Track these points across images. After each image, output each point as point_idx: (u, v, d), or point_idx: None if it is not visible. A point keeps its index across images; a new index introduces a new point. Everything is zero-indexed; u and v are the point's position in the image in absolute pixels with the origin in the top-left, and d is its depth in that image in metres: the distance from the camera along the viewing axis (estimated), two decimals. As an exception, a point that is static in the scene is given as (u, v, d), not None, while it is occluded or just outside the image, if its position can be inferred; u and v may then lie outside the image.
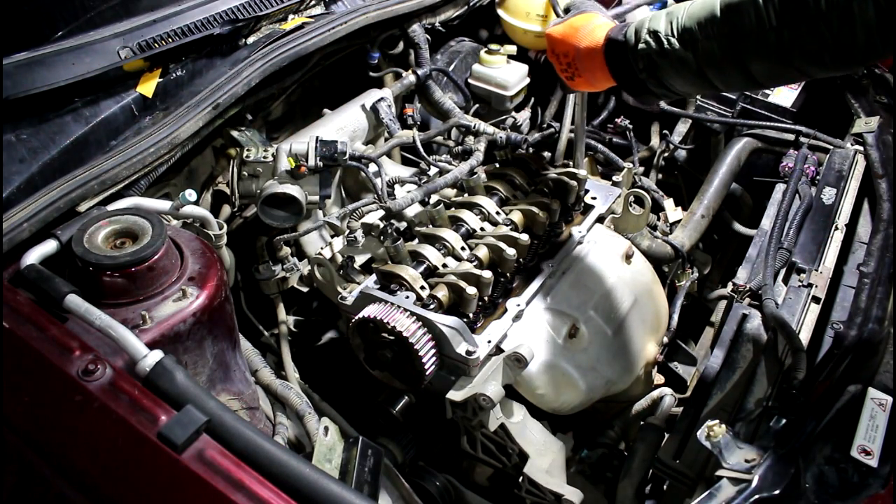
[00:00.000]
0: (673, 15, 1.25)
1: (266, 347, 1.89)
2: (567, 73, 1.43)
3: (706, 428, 1.21)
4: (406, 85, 2.21)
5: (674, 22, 1.24)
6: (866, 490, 1.11)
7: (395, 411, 1.56)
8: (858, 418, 1.20)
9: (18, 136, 1.54)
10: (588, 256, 1.68)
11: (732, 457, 1.18)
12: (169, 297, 1.29)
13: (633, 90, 1.37)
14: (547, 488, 1.44)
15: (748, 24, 1.14)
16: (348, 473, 1.22)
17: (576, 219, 1.75)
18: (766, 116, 2.18)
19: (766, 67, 1.19)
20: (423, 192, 1.76)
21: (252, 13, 1.91)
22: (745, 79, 1.23)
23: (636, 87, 1.34)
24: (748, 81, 1.24)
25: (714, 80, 1.25)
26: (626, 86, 1.37)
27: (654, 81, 1.30)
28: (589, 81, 1.42)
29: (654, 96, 1.36)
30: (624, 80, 1.35)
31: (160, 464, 0.99)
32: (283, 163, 1.72)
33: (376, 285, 1.51)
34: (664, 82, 1.29)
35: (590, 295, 1.62)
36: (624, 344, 1.64)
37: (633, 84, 1.34)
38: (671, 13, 1.25)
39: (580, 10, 1.41)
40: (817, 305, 1.62)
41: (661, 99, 1.37)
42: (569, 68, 1.42)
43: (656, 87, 1.31)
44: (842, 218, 1.82)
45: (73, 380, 1.07)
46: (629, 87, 1.36)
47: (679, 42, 1.23)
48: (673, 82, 1.29)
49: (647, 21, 1.28)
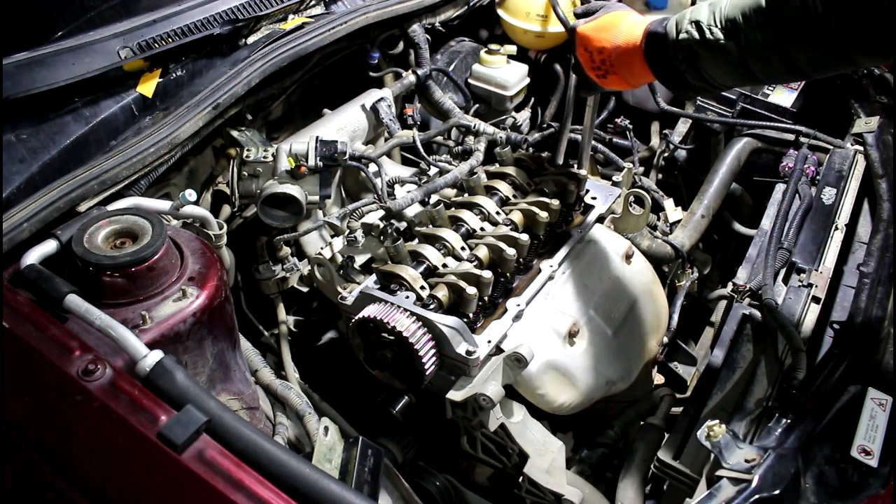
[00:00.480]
0: (716, 5, 1.24)
1: (266, 347, 1.89)
2: (600, 70, 1.43)
3: (706, 428, 1.21)
4: (406, 85, 2.21)
5: (717, 12, 1.23)
6: (866, 490, 1.12)
7: (395, 411, 1.56)
8: (858, 418, 1.20)
9: (18, 136, 1.54)
10: (588, 257, 1.68)
11: (732, 457, 1.18)
12: (169, 297, 1.29)
13: (673, 84, 1.36)
14: (547, 488, 1.44)
15: (793, 11, 1.13)
16: (348, 473, 1.22)
17: (576, 219, 1.75)
18: (766, 116, 2.18)
19: (811, 56, 1.17)
20: (423, 192, 1.76)
21: (252, 13, 1.91)
22: (789, 69, 1.22)
23: (675, 80, 1.34)
24: (792, 72, 1.22)
25: (756, 70, 1.24)
26: (665, 79, 1.37)
27: (693, 73, 1.30)
28: (624, 78, 1.42)
29: (693, 90, 1.36)
30: (663, 74, 1.35)
31: (160, 464, 0.99)
32: (283, 163, 1.72)
33: (376, 285, 1.51)
34: (704, 74, 1.29)
35: (590, 295, 1.62)
36: (624, 344, 1.64)
37: (673, 77, 1.34)
38: (714, 3, 1.25)
39: (610, 9, 1.42)
40: (817, 305, 1.62)
41: (700, 93, 1.37)
42: (602, 65, 1.41)
43: (695, 79, 1.31)
44: (842, 218, 1.82)
45: (73, 380, 1.07)
46: (668, 80, 1.36)
47: (722, 32, 1.22)
48: (713, 73, 1.28)
49: (689, 12, 1.28)
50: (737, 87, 1.34)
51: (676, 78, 1.33)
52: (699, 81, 1.31)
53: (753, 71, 1.24)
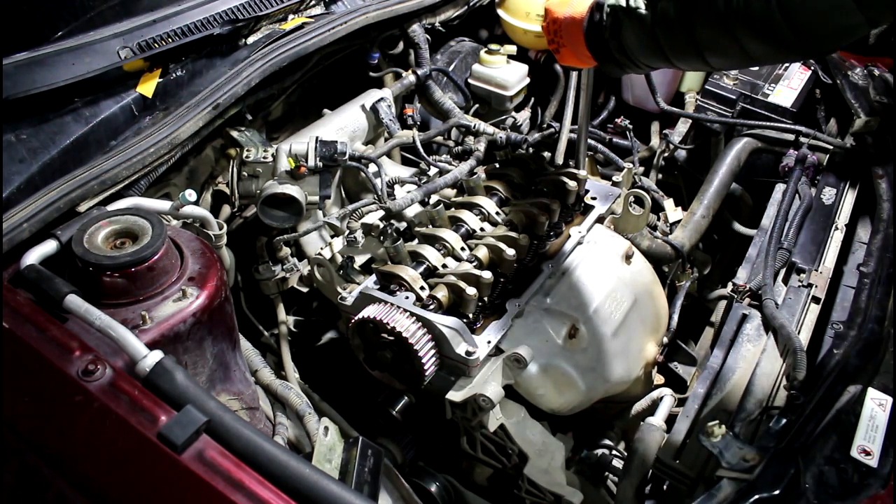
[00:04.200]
0: None
1: (266, 347, 1.89)
2: (554, 43, 1.47)
3: (706, 428, 1.21)
4: (406, 85, 2.21)
5: None
6: (866, 490, 1.11)
7: (394, 412, 1.56)
8: (858, 418, 1.20)
9: (18, 136, 1.54)
10: (588, 257, 1.68)
11: (732, 457, 1.18)
12: (169, 297, 1.30)
13: (599, 55, 1.40)
14: (547, 489, 1.44)
15: None
16: (348, 473, 1.22)
17: (576, 219, 1.75)
18: (766, 116, 2.18)
19: (710, 35, 1.19)
20: (423, 193, 1.76)
21: (252, 13, 1.91)
22: (692, 48, 1.23)
23: (602, 51, 1.37)
24: (693, 51, 1.24)
25: (664, 45, 1.26)
26: (594, 49, 1.39)
27: (615, 44, 1.33)
28: (573, 53, 1.45)
29: (617, 64, 1.38)
30: (593, 44, 1.38)
31: (160, 464, 0.99)
32: (283, 163, 1.72)
33: (376, 286, 1.51)
34: (624, 45, 1.32)
35: (590, 295, 1.62)
36: (624, 344, 1.64)
37: (600, 48, 1.37)
38: None
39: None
40: (817, 305, 1.62)
41: (623, 69, 1.38)
42: (555, 37, 1.45)
43: (617, 50, 1.34)
44: (842, 218, 1.82)
45: (73, 380, 1.07)
46: (596, 50, 1.39)
47: (644, 0, 1.26)
48: (631, 45, 1.31)
49: None
50: (650, 66, 1.34)
51: (603, 49, 1.36)
52: (621, 55, 1.34)
53: (662, 46, 1.26)
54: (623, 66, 1.38)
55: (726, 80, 2.25)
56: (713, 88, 2.24)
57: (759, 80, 2.24)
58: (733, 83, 2.24)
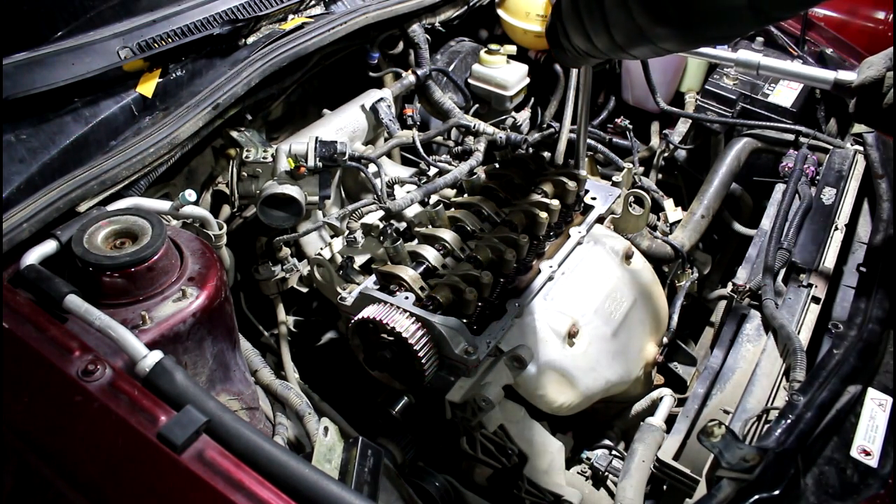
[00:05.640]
0: None
1: (266, 347, 1.89)
2: None
3: (706, 428, 1.21)
4: (406, 85, 2.21)
5: None
6: (866, 490, 1.12)
7: (394, 412, 1.56)
8: (858, 418, 1.20)
9: (18, 136, 1.54)
10: (588, 257, 1.68)
11: (732, 457, 1.18)
12: (169, 297, 1.30)
13: (551, 39, 1.38)
14: (546, 489, 1.44)
15: None
16: (348, 474, 1.22)
17: (576, 219, 1.75)
18: (766, 116, 2.18)
19: (610, 4, 1.11)
20: (423, 193, 1.76)
21: (252, 13, 1.91)
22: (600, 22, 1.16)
23: (553, 35, 1.36)
24: (603, 28, 1.16)
25: (586, 20, 1.20)
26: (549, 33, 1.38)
27: (560, 27, 1.31)
28: None
29: (560, 49, 1.36)
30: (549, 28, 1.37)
31: (160, 464, 0.99)
32: (283, 163, 1.72)
33: (376, 286, 1.51)
34: (563, 22, 1.29)
35: (590, 295, 1.62)
36: (624, 344, 1.64)
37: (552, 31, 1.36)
38: None
39: None
40: (817, 305, 1.61)
41: (566, 53, 1.34)
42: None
43: (562, 34, 1.31)
44: (842, 218, 1.82)
45: (72, 380, 1.07)
46: (549, 34, 1.38)
47: None
48: (568, 26, 1.27)
49: None
50: (585, 51, 1.27)
51: (553, 32, 1.34)
52: (564, 38, 1.31)
53: (585, 22, 1.21)
54: (566, 50, 1.35)
55: (726, 80, 2.25)
56: (713, 88, 2.24)
57: (759, 81, 2.24)
58: (733, 83, 2.24)
